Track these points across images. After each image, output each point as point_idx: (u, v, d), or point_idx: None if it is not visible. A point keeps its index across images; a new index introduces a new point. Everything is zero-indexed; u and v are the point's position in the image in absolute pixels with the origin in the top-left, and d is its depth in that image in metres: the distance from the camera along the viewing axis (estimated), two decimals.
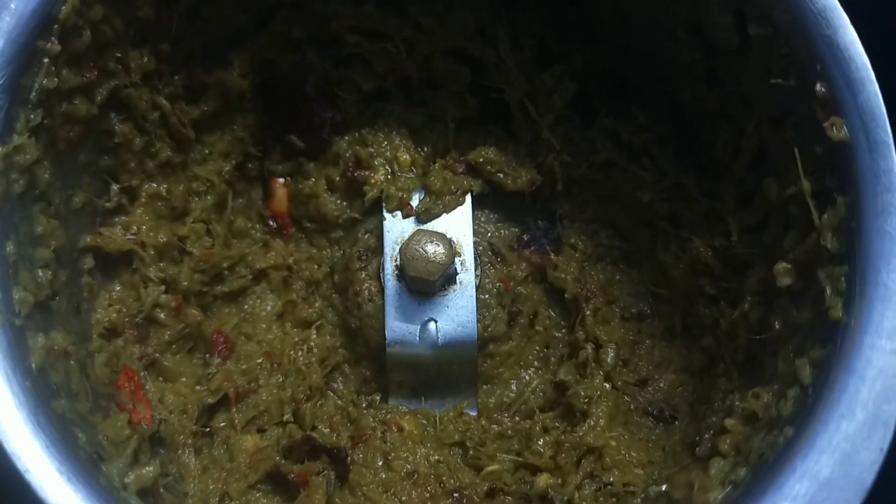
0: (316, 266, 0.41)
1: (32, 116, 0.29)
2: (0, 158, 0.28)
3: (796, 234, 0.31)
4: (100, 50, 0.32)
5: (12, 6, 0.29)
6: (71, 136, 0.32)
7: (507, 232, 0.41)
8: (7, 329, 0.26)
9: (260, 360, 0.38)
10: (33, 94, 0.29)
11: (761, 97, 0.33)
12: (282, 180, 0.41)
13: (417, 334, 0.38)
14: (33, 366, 0.27)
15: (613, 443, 0.35)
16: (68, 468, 0.25)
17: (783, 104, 0.31)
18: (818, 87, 0.29)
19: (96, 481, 0.25)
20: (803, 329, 0.30)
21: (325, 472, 0.33)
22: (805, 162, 0.30)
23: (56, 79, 0.30)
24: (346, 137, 0.40)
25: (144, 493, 0.28)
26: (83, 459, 0.26)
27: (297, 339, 0.39)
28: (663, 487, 0.33)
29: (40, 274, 0.29)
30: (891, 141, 0.28)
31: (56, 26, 0.29)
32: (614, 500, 0.34)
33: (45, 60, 0.30)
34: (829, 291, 0.28)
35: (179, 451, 0.33)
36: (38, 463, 0.24)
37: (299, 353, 0.38)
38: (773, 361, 0.31)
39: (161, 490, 0.29)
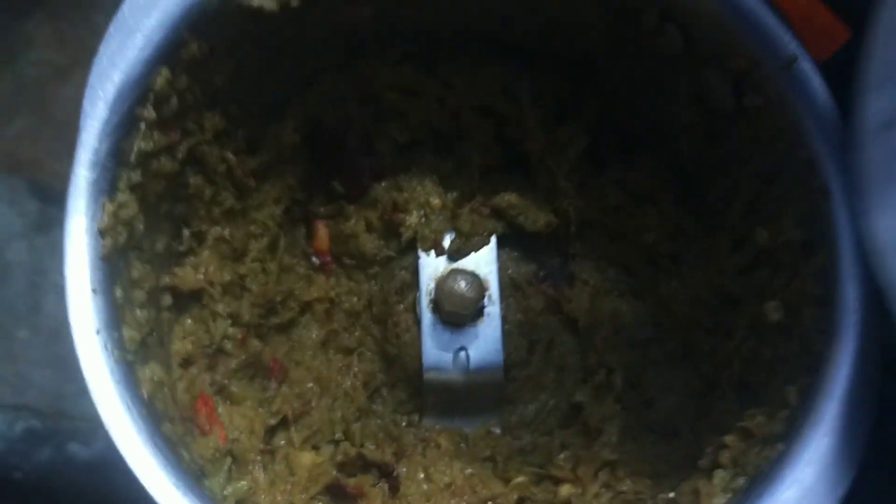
0: (356, 299, 0.45)
1: (133, 175, 0.34)
2: (110, 215, 0.32)
3: (784, 278, 0.36)
4: (182, 113, 0.36)
5: (115, 78, 0.33)
6: (158, 190, 0.36)
7: (526, 269, 0.46)
8: (122, 364, 0.31)
9: (311, 385, 0.42)
10: (133, 156, 0.34)
11: (754, 156, 0.38)
12: (324, 221, 0.46)
13: (451, 361, 0.43)
14: (145, 395, 0.31)
15: (625, 456, 0.40)
16: (182, 483, 0.29)
17: (774, 164, 0.37)
18: (802, 152, 0.35)
19: (203, 493, 0.30)
20: (791, 360, 0.35)
21: (379, 484, 0.38)
22: (793, 215, 0.36)
23: (151, 141, 0.34)
24: (383, 184, 0.45)
25: (241, 502, 0.32)
26: (190, 475, 0.30)
27: (340, 364, 0.44)
28: (670, 495, 0.38)
29: (139, 313, 0.34)
30: None
31: (152, 95, 0.34)
32: None
33: (142, 126, 0.34)
34: (812, 329, 0.34)
35: (250, 467, 0.37)
36: (157, 479, 0.29)
37: (346, 378, 0.43)
38: (764, 387, 0.37)
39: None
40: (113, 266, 0.32)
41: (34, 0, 0.63)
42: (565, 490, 0.39)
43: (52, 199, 0.60)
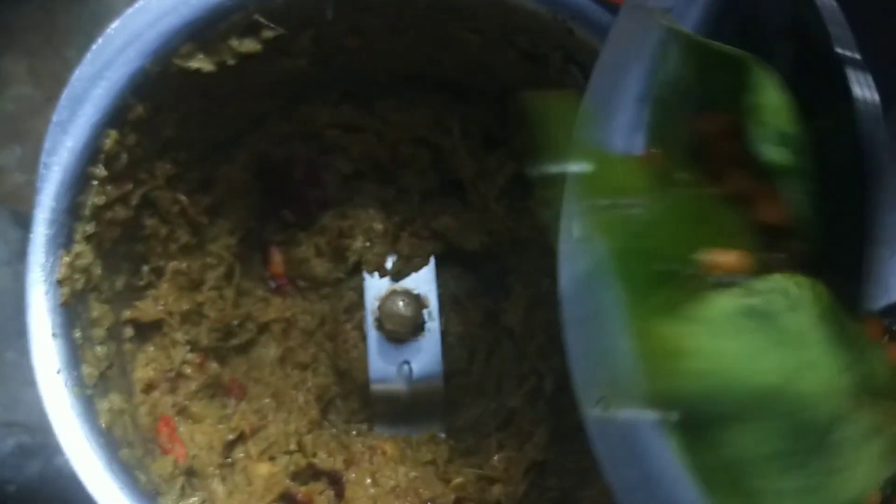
0: (309, 318, 0.49)
1: (87, 228, 0.38)
2: (66, 266, 0.36)
3: None
4: (133, 165, 0.40)
5: (69, 144, 0.37)
6: (114, 236, 0.40)
7: (466, 284, 0.50)
8: (82, 399, 0.35)
9: (267, 400, 0.47)
10: (87, 210, 0.38)
11: None
12: (278, 248, 0.50)
13: (395, 373, 0.47)
14: (103, 425, 0.35)
15: (553, 456, 0.45)
16: (137, 502, 0.33)
17: None
18: None
19: None
20: None
21: (326, 491, 0.42)
22: None
23: (103, 195, 0.38)
24: (330, 212, 0.49)
25: None
26: (146, 496, 0.34)
27: (296, 380, 0.48)
28: (592, 491, 0.42)
29: (98, 349, 0.38)
30: None
31: (102, 155, 0.38)
32: (553, 502, 0.43)
33: (95, 182, 0.38)
34: None
35: (209, 480, 0.41)
36: (115, 499, 0.33)
37: (300, 393, 0.47)
38: None
39: None
40: (72, 310, 0.36)
41: (9, 38, 0.67)
42: (497, 489, 0.44)
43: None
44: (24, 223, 0.64)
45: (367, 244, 0.49)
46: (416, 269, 0.48)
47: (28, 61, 0.67)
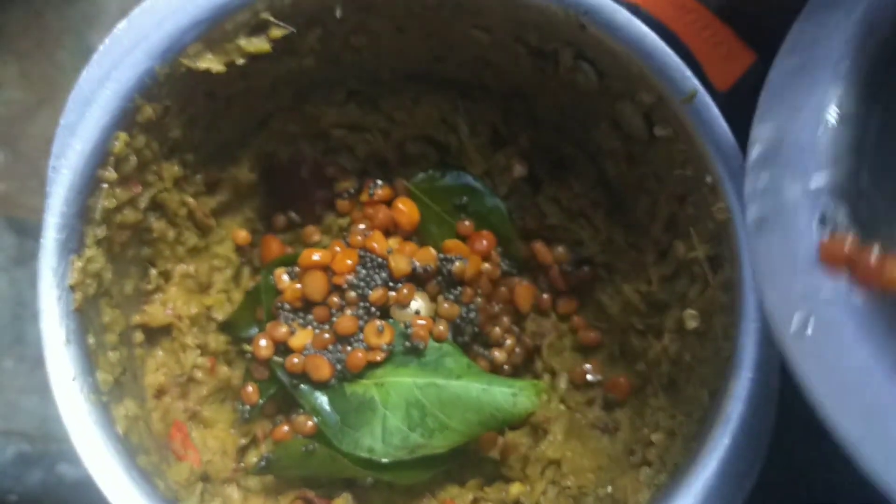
0: None
1: (98, 231, 0.37)
2: (79, 271, 0.36)
3: (698, 288, 0.40)
4: (142, 168, 0.40)
5: (77, 147, 0.36)
6: (123, 239, 0.39)
7: None
8: (98, 406, 0.34)
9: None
10: (97, 213, 0.37)
11: (668, 178, 0.41)
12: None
13: None
14: (120, 432, 0.35)
15: (569, 454, 0.44)
16: None
17: (684, 185, 0.40)
18: (707, 177, 0.38)
19: None
20: (707, 362, 0.39)
21: (345, 494, 0.42)
22: (700, 233, 0.39)
23: (113, 198, 0.38)
24: (336, 212, 0.49)
25: None
26: (166, 501, 0.34)
27: None
28: (609, 489, 0.42)
29: (111, 355, 0.37)
30: None
31: (111, 157, 0.37)
32: (572, 500, 0.43)
33: (105, 186, 0.37)
34: (721, 336, 0.37)
35: (224, 485, 0.41)
36: None
37: None
38: (687, 387, 0.41)
39: None
40: (85, 316, 0.36)
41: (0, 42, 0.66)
42: (515, 489, 0.43)
43: (29, 233, 0.63)
44: (18, 229, 0.64)
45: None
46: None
47: (18, 65, 0.66)
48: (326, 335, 0.42)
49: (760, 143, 0.33)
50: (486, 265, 0.46)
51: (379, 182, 0.47)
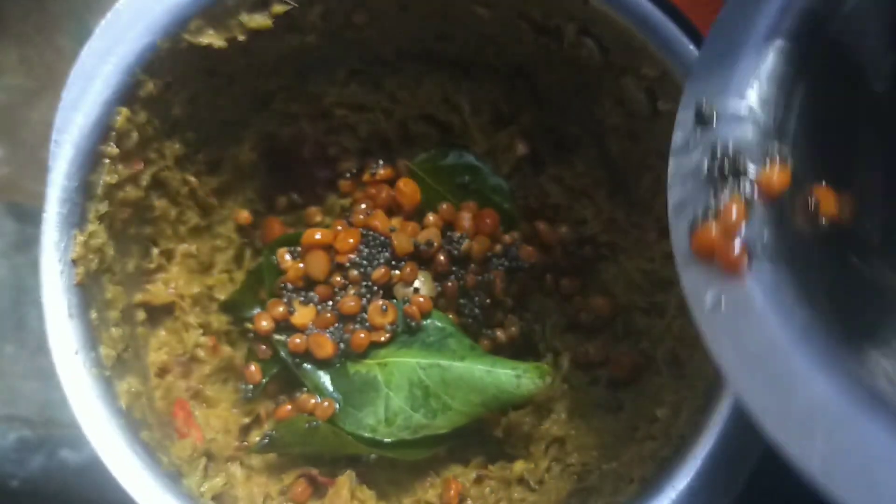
0: None
1: (100, 207, 0.37)
2: (81, 245, 0.35)
3: None
4: (144, 145, 0.40)
5: (79, 121, 0.36)
6: (125, 216, 0.39)
7: None
8: (101, 380, 0.34)
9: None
10: (99, 189, 0.37)
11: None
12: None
13: None
14: (123, 406, 0.34)
15: (573, 432, 0.44)
16: (161, 483, 0.33)
17: None
18: None
19: (181, 491, 0.33)
20: None
21: (349, 471, 0.42)
22: None
23: (115, 174, 0.38)
24: (338, 192, 0.48)
25: (217, 497, 0.36)
26: (169, 476, 0.34)
27: None
28: (614, 465, 0.42)
29: (114, 331, 0.37)
30: None
31: (113, 133, 0.37)
32: (576, 477, 0.43)
33: (106, 161, 0.37)
34: None
35: (227, 464, 0.41)
36: (139, 481, 0.32)
37: None
38: (690, 362, 0.40)
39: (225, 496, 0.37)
40: (87, 291, 0.36)
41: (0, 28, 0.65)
42: (519, 466, 0.43)
43: (29, 219, 0.63)
44: (18, 215, 0.63)
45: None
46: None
47: (19, 51, 0.66)
48: (329, 314, 0.42)
49: (682, 128, 0.33)
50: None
51: (381, 162, 0.47)
